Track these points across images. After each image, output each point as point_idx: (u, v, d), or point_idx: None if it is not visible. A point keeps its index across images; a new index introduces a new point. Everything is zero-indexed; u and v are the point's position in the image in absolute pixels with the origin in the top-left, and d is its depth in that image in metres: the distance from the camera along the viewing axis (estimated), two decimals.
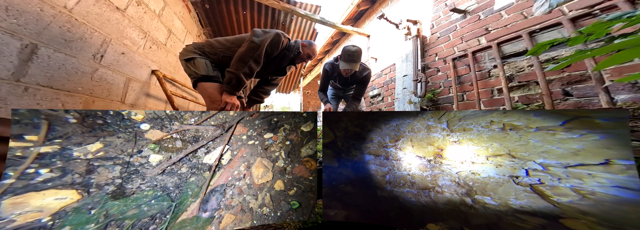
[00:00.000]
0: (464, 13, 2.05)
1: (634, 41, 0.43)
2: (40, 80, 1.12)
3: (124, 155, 0.80)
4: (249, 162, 0.94)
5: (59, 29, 1.18)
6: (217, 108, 1.27)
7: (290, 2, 2.75)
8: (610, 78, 1.18)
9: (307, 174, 0.96)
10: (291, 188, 0.94)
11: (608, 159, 0.56)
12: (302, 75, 6.89)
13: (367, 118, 1.02)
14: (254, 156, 0.95)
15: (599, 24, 0.52)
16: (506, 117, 0.73)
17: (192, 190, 0.84)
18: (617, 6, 1.18)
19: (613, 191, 0.53)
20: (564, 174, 0.60)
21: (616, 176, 0.54)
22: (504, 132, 0.72)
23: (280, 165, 0.96)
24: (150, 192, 0.80)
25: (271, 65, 1.53)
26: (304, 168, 0.97)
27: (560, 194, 0.59)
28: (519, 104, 1.56)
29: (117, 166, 0.78)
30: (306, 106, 9.41)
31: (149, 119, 0.86)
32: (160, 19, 2.07)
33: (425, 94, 2.22)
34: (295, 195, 0.93)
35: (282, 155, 0.97)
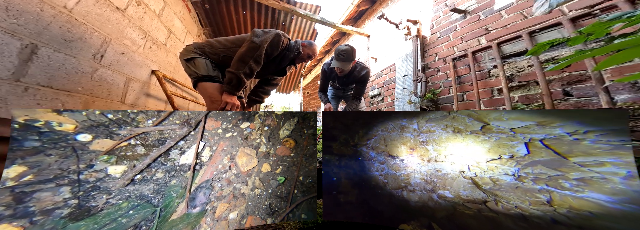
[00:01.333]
0: (464, 13, 2.05)
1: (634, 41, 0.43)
2: (40, 80, 1.12)
3: (68, 173, 0.70)
4: (232, 154, 0.93)
5: (59, 29, 1.18)
6: (218, 108, 1.27)
7: (290, 2, 2.75)
8: (610, 78, 1.18)
9: (288, 152, 0.99)
10: (277, 167, 0.96)
11: (501, 154, 0.75)
12: (302, 75, 6.89)
13: (367, 118, 1.02)
14: (236, 147, 0.94)
15: (599, 24, 0.52)
16: (454, 122, 0.85)
17: (176, 192, 0.82)
18: (617, 6, 1.18)
19: (505, 177, 0.73)
20: (485, 167, 0.76)
21: (503, 166, 0.73)
22: (454, 134, 0.85)
23: (263, 150, 0.97)
24: (124, 204, 0.75)
25: (271, 66, 1.53)
26: (284, 148, 0.99)
27: (484, 182, 0.76)
28: (519, 104, 1.56)
29: (64, 187, 0.69)
30: (306, 106, 9.41)
31: (86, 127, 0.74)
32: (160, 19, 2.07)
33: (425, 94, 2.22)
34: (281, 172, 0.96)
35: (263, 141, 0.97)
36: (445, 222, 0.78)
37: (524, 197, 0.67)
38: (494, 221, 0.69)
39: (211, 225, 0.83)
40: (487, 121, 0.77)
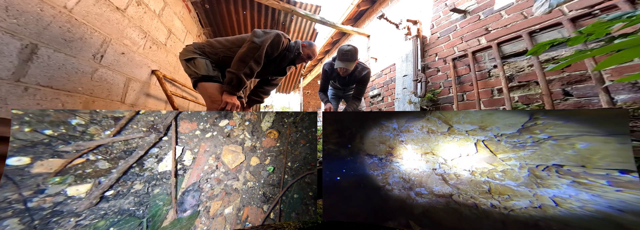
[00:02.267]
0: (464, 13, 2.05)
1: (634, 41, 0.43)
2: (40, 80, 1.12)
3: (9, 204, 0.62)
4: (217, 154, 0.92)
5: (59, 29, 1.18)
6: (218, 108, 1.27)
7: (290, 2, 2.75)
8: (610, 78, 1.18)
9: (274, 143, 0.99)
10: (265, 159, 0.97)
11: (461, 153, 0.84)
12: (302, 76, 6.89)
13: (367, 118, 1.02)
14: (219, 146, 0.92)
15: (599, 24, 0.52)
16: (428, 123, 0.92)
17: (162, 200, 0.80)
18: (617, 6, 1.18)
19: (463, 172, 0.82)
20: (450, 164, 0.85)
21: (462, 163, 0.83)
22: (428, 134, 0.92)
23: (249, 145, 0.97)
24: (101, 223, 0.71)
25: (271, 66, 1.54)
26: (269, 139, 0.99)
27: (451, 178, 0.84)
28: (519, 104, 1.56)
29: (8, 220, 0.61)
30: (306, 106, 9.41)
31: (17, 149, 0.65)
32: (160, 19, 2.07)
33: (425, 94, 2.22)
34: (270, 162, 0.97)
35: (247, 136, 0.97)
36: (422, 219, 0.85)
37: (475, 188, 0.79)
38: (457, 212, 0.79)
39: (207, 224, 0.83)
40: (451, 124, 0.87)
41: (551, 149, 0.66)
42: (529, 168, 0.70)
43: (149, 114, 0.85)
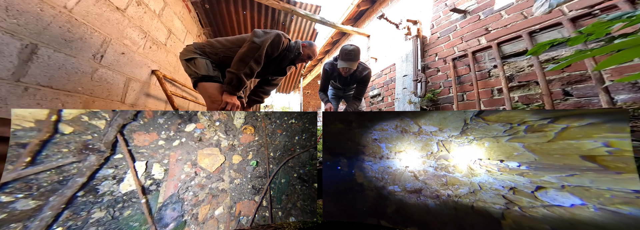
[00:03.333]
0: (464, 13, 2.05)
1: (634, 41, 0.43)
2: (40, 80, 1.12)
3: None
4: (192, 160, 0.87)
5: (59, 29, 1.18)
6: (218, 108, 1.27)
7: (290, 2, 2.75)
8: (610, 78, 1.18)
9: (252, 138, 0.97)
10: (247, 155, 0.95)
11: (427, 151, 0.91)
12: (302, 76, 6.89)
13: (368, 118, 1.02)
14: (192, 152, 0.87)
15: (599, 24, 0.52)
16: (402, 122, 0.97)
17: (138, 221, 0.74)
18: (617, 6, 1.18)
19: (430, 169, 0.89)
20: (420, 161, 0.92)
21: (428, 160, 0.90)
22: (401, 133, 0.96)
23: (226, 145, 0.93)
24: None
25: (271, 66, 1.54)
26: (247, 135, 0.97)
27: (420, 174, 0.91)
28: (519, 104, 1.56)
29: None
30: (306, 106, 9.41)
31: None
32: (160, 19, 2.07)
33: (425, 94, 2.22)
34: (253, 157, 0.96)
35: (221, 136, 0.93)
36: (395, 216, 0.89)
37: (438, 181, 0.87)
38: (425, 204, 0.86)
39: None
40: (420, 125, 0.94)
41: (476, 147, 0.82)
42: (466, 162, 0.83)
43: (79, 134, 0.71)
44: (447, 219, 0.80)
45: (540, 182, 0.66)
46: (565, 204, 0.60)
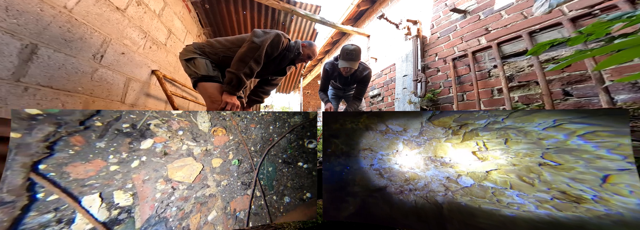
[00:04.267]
0: (464, 13, 2.05)
1: (634, 41, 0.43)
2: (40, 80, 1.12)
3: None
4: (163, 176, 0.81)
5: (59, 29, 1.18)
6: (218, 108, 1.27)
7: (290, 2, 2.75)
8: (610, 78, 1.18)
9: (226, 138, 0.93)
10: (227, 155, 0.93)
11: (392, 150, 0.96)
12: (302, 75, 6.89)
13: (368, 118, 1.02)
14: (160, 169, 0.81)
15: (599, 24, 0.52)
16: (367, 120, 1.01)
17: None
18: (617, 6, 1.18)
19: (394, 166, 0.95)
20: (385, 159, 0.96)
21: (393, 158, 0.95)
22: (367, 131, 1.00)
23: (200, 151, 0.89)
24: None
25: (271, 66, 1.54)
26: (219, 137, 0.93)
27: (384, 172, 0.95)
28: (519, 104, 1.56)
29: None
30: (306, 106, 9.42)
31: None
32: (160, 19, 2.07)
33: (425, 94, 2.22)
34: (234, 156, 0.93)
35: (190, 144, 0.88)
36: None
37: (402, 177, 0.92)
38: (390, 201, 0.91)
39: None
40: (387, 124, 0.98)
41: (428, 146, 0.91)
42: (422, 159, 0.91)
43: None
44: (409, 211, 0.88)
45: (459, 171, 0.84)
46: (467, 184, 0.81)
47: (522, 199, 0.70)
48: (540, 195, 0.67)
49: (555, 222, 0.64)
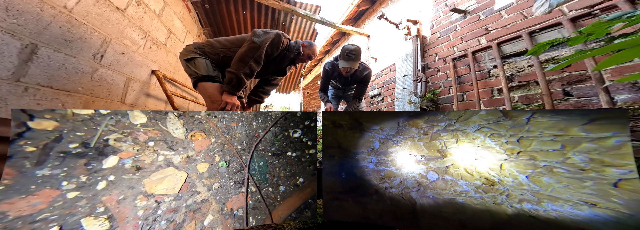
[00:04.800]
0: (464, 13, 2.05)
1: (634, 41, 0.43)
2: (40, 80, 1.12)
3: None
4: (142, 192, 0.76)
5: (59, 29, 1.18)
6: (218, 108, 1.27)
7: (290, 2, 2.75)
8: (610, 78, 1.18)
9: (208, 141, 0.90)
10: (213, 158, 0.90)
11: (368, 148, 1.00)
12: (302, 75, 6.89)
13: (368, 118, 1.02)
14: (137, 186, 0.76)
15: (599, 24, 0.52)
16: (335, 116, 1.04)
17: None
18: (617, 6, 1.18)
19: (370, 165, 0.98)
20: (359, 158, 1.00)
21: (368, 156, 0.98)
22: (335, 128, 1.03)
23: (180, 159, 0.84)
24: None
25: (271, 66, 1.54)
26: (199, 140, 0.88)
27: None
28: (519, 104, 1.56)
29: None
30: (306, 106, 9.42)
31: None
32: (160, 19, 2.07)
33: (425, 94, 2.22)
34: (221, 158, 0.91)
35: (167, 154, 0.82)
36: None
37: (377, 176, 0.95)
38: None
39: None
40: (362, 121, 1.01)
41: (404, 144, 0.94)
42: (399, 157, 0.95)
43: None
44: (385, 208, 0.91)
45: (428, 167, 0.89)
46: (433, 178, 0.88)
47: (467, 187, 0.82)
48: (476, 182, 0.81)
49: (484, 202, 0.79)
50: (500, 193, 0.77)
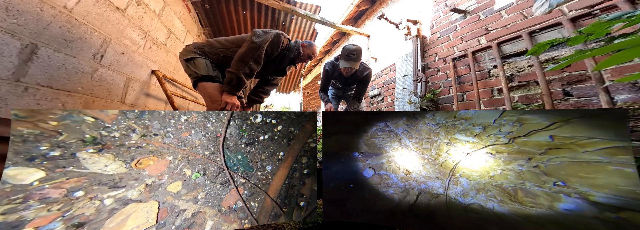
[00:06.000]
0: (464, 13, 2.05)
1: (634, 41, 0.43)
2: (40, 80, 1.12)
3: None
4: None
5: (59, 29, 1.18)
6: (218, 108, 1.27)
7: (290, 2, 2.75)
8: (610, 78, 1.18)
9: (165, 162, 0.82)
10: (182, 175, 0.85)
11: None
12: (302, 75, 6.89)
13: (368, 118, 1.02)
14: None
15: (599, 24, 0.52)
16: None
17: None
18: (617, 6, 1.18)
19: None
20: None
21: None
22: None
23: (139, 192, 0.77)
24: None
25: (271, 66, 1.54)
26: (152, 165, 0.81)
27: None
28: (519, 104, 1.56)
29: None
30: (306, 106, 9.41)
31: None
32: (160, 19, 2.07)
33: (425, 94, 2.22)
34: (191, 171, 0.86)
35: (114, 194, 0.73)
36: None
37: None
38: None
39: None
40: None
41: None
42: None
43: None
44: None
45: (368, 165, 0.97)
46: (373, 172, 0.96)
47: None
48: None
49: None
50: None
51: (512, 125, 0.78)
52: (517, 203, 0.74)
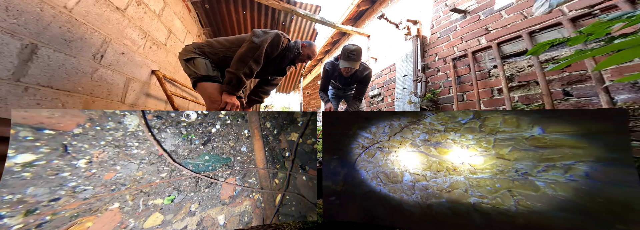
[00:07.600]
0: (464, 13, 2.05)
1: (634, 41, 0.43)
2: (40, 80, 1.12)
3: None
4: None
5: (59, 29, 1.18)
6: (217, 108, 1.27)
7: (290, 2, 2.75)
8: (610, 78, 1.18)
9: (113, 210, 0.73)
10: (151, 207, 0.80)
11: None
12: (302, 75, 6.89)
13: (368, 118, 1.02)
14: None
15: (599, 24, 0.52)
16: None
17: None
18: (617, 6, 1.18)
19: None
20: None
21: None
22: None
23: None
24: None
25: (271, 66, 1.54)
26: (96, 221, 0.70)
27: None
28: (519, 104, 1.56)
29: None
30: (306, 106, 9.41)
31: None
32: (160, 19, 2.07)
33: (425, 94, 2.22)
34: (161, 199, 0.82)
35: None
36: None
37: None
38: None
39: None
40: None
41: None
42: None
43: None
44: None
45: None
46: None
47: None
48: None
49: None
50: None
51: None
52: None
